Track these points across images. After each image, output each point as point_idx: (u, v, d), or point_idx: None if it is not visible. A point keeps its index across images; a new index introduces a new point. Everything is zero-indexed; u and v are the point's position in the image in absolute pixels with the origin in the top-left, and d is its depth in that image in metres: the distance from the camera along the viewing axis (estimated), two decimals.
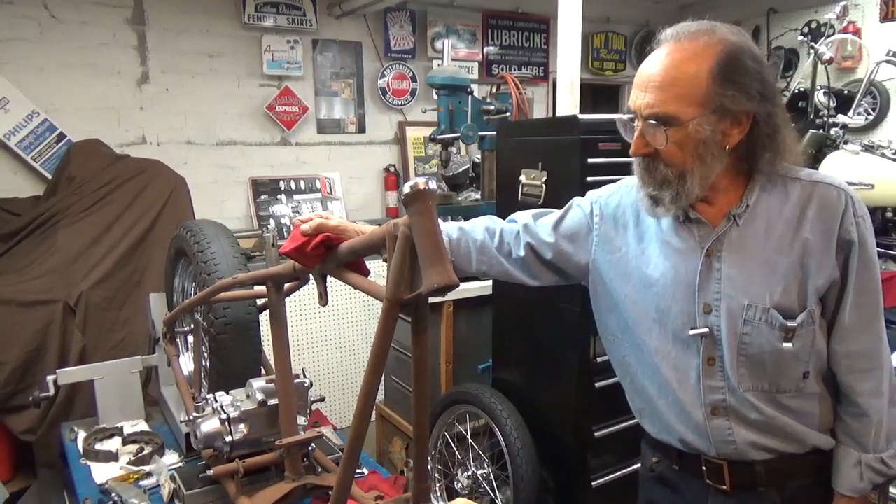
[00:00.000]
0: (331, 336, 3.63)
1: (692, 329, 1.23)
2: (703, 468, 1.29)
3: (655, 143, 1.18)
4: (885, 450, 1.24)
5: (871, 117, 4.63)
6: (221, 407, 1.64)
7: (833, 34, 4.58)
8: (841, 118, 3.55)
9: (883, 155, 3.40)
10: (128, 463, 1.98)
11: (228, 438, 1.61)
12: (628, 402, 1.45)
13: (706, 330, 1.22)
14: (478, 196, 3.66)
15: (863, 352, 1.23)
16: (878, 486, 1.26)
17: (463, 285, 2.78)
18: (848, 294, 1.20)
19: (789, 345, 1.18)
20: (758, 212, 1.22)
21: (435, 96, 3.42)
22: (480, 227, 1.43)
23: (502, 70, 4.96)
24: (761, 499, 1.26)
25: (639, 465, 1.51)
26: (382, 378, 1.50)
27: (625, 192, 1.40)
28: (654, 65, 1.18)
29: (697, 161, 1.17)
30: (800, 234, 1.19)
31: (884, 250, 3.23)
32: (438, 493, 2.66)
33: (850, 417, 1.25)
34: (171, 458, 2.03)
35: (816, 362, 1.23)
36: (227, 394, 1.71)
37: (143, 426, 2.25)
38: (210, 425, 1.62)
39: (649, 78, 1.17)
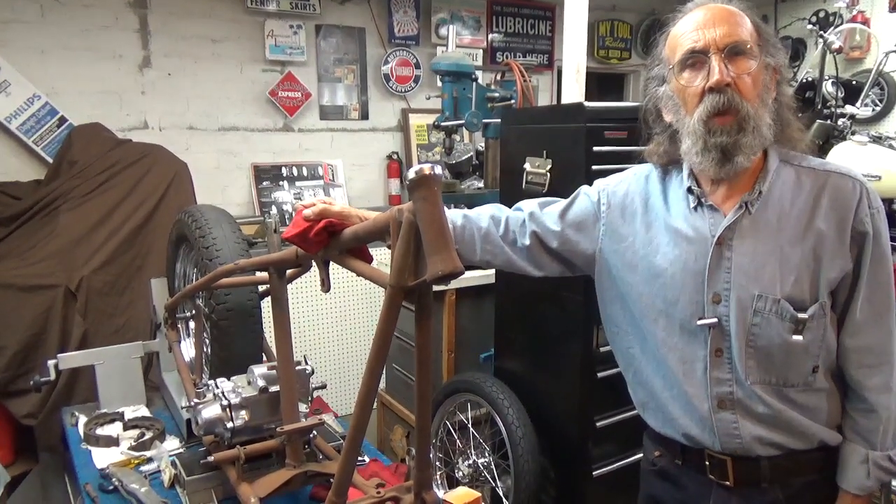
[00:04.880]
0: (333, 323, 3.63)
1: (700, 319, 1.21)
2: (707, 463, 1.27)
3: (740, 70, 1.14)
4: (893, 447, 1.22)
5: (878, 108, 4.59)
6: (223, 393, 1.63)
7: (842, 23, 4.54)
8: (848, 109, 3.52)
9: (890, 146, 3.37)
10: (129, 448, 1.97)
11: (229, 425, 1.60)
12: (630, 396, 1.43)
13: (714, 320, 1.20)
14: (481, 184, 3.64)
15: (873, 347, 1.21)
16: (884, 483, 1.25)
17: (466, 273, 2.76)
18: (860, 287, 1.19)
19: (799, 337, 1.17)
20: (770, 200, 1.20)
21: (439, 83, 3.39)
22: (485, 215, 1.42)
23: (507, 57, 4.92)
24: (765, 495, 1.25)
25: (640, 455, 1.50)
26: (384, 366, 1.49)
27: (633, 180, 1.38)
28: (711, 10, 1.18)
29: (761, 103, 1.17)
30: (813, 225, 1.17)
31: (892, 243, 3.21)
32: (439, 482, 2.66)
33: (858, 413, 1.23)
34: (172, 444, 2.02)
35: (826, 356, 1.21)
36: (229, 380, 1.70)
37: (143, 411, 2.24)
38: (211, 411, 1.61)
39: (714, 16, 1.17)
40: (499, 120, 2.97)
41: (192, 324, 2.23)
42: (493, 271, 2.66)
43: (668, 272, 1.25)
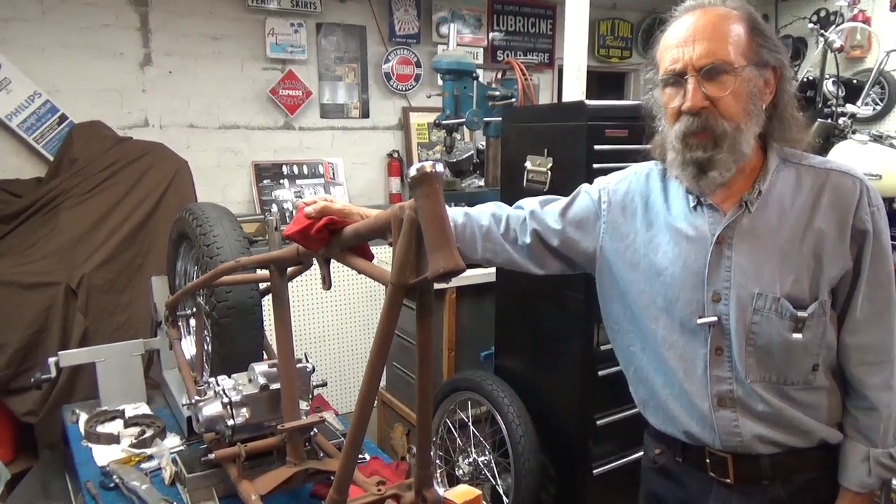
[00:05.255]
0: (333, 321, 3.63)
1: (700, 318, 1.21)
2: (707, 461, 1.28)
3: (716, 92, 1.14)
4: (894, 445, 1.22)
5: (879, 107, 4.59)
6: (223, 391, 1.63)
7: (842, 22, 4.54)
8: (849, 108, 3.52)
9: (891, 145, 3.37)
10: (129, 446, 1.97)
11: (230, 422, 1.60)
12: (631, 393, 1.43)
13: (714, 319, 1.20)
14: (482, 183, 3.64)
15: (874, 344, 1.21)
16: (885, 481, 1.25)
17: (466, 272, 2.76)
18: (861, 286, 1.19)
19: (799, 336, 1.17)
20: (770, 199, 1.20)
21: (440, 81, 3.39)
22: (486, 213, 1.42)
23: (508, 56, 4.92)
24: (765, 492, 1.25)
25: (641, 454, 1.50)
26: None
27: (633, 178, 1.38)
28: (696, 22, 1.16)
29: (746, 116, 1.16)
30: (813, 223, 1.17)
31: (893, 242, 3.22)
32: (439, 480, 2.66)
33: (858, 411, 1.23)
34: (173, 442, 2.02)
35: (826, 355, 1.21)
36: (230, 378, 1.70)
37: (144, 409, 2.24)
38: (212, 409, 1.61)
39: (695, 32, 1.15)
40: (499, 118, 2.97)
41: (192, 321, 2.23)
42: (493, 269, 2.66)
43: (669, 271, 1.25)
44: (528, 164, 2.37)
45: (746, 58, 1.15)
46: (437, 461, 2.67)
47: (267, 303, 1.75)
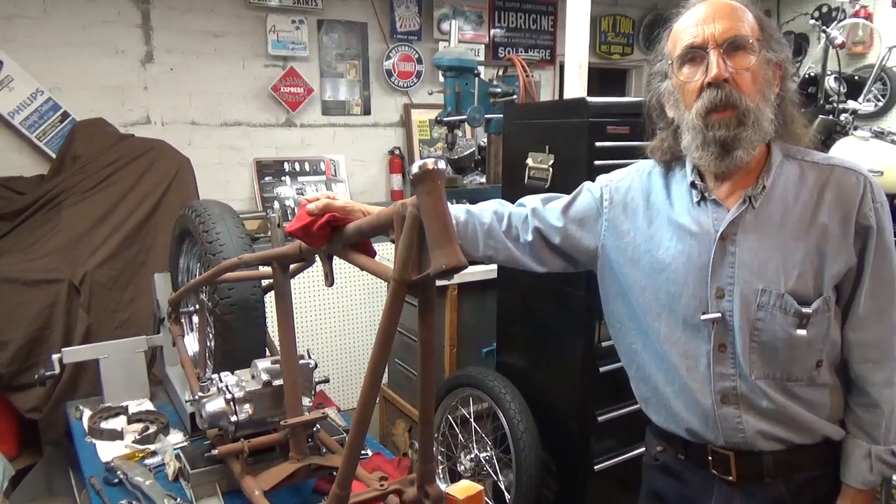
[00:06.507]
0: (336, 317, 3.64)
1: (704, 314, 1.21)
2: (710, 458, 1.27)
3: (739, 65, 1.15)
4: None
5: (881, 103, 4.59)
6: (226, 387, 1.64)
7: (844, 18, 4.53)
8: (851, 104, 3.51)
9: (893, 142, 3.36)
10: (133, 442, 1.98)
11: (233, 418, 1.61)
12: (633, 391, 1.43)
13: (718, 315, 1.20)
14: (483, 180, 3.64)
15: (877, 341, 1.21)
16: (885, 478, 1.25)
17: (468, 268, 2.75)
18: (864, 282, 1.19)
19: (803, 332, 1.17)
20: (774, 195, 1.20)
21: (441, 78, 3.39)
22: (488, 211, 1.42)
23: (509, 53, 4.91)
24: (767, 490, 1.25)
25: (642, 450, 1.50)
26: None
27: (635, 175, 1.39)
28: (713, 6, 1.18)
29: (763, 98, 1.17)
30: (817, 219, 1.17)
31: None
32: (441, 475, 2.67)
33: (861, 408, 1.23)
34: (176, 438, 2.03)
35: (830, 351, 1.21)
36: (232, 374, 1.70)
37: (147, 405, 2.25)
38: (215, 405, 1.62)
39: (714, 13, 1.17)
40: (501, 115, 2.97)
41: (195, 318, 2.24)
42: (495, 266, 2.66)
43: (672, 267, 1.26)
44: (529, 161, 2.37)
45: (760, 43, 1.17)
46: (439, 457, 2.67)
47: (269, 299, 1.76)
